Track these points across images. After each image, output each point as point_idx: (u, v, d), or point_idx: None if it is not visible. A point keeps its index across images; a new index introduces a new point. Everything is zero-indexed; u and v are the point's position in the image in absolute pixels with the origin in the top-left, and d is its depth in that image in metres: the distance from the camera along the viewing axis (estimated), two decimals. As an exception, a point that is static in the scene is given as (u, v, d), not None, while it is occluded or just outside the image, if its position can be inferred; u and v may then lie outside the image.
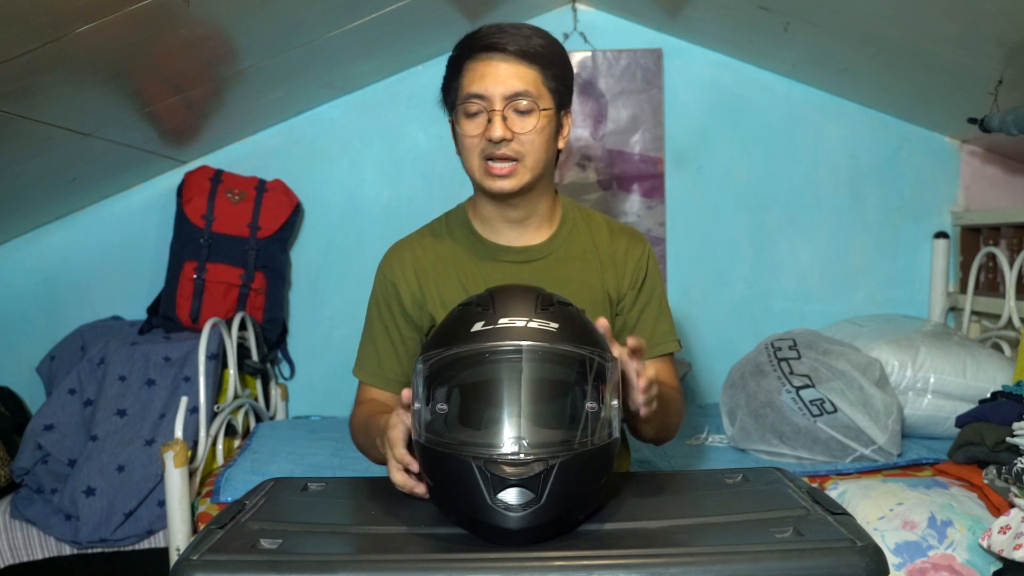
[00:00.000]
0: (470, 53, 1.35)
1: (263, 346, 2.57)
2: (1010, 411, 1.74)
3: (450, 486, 1.00)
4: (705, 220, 2.78)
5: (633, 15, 2.69)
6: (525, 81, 1.33)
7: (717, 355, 2.76)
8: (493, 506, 0.95)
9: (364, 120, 2.72)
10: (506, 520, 0.95)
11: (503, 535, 0.96)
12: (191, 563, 0.91)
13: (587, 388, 1.03)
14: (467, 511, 0.98)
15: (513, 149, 1.33)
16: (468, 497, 0.97)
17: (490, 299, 1.04)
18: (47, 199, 2.50)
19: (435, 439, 1.00)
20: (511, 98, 1.32)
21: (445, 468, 1.00)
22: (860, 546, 0.92)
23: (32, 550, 2.13)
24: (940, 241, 2.74)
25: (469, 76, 1.35)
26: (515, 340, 0.99)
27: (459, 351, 1.01)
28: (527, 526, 0.95)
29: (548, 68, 1.36)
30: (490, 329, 1.00)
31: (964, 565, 1.56)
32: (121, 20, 1.52)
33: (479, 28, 1.37)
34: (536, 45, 1.35)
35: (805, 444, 2.01)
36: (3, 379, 2.60)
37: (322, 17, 2.05)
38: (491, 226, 1.45)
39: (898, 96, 2.62)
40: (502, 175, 1.34)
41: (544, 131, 1.35)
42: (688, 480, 1.22)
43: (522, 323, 1.00)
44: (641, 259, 1.49)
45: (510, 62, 1.33)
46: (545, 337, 1.00)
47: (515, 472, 0.95)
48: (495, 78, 1.33)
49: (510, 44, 1.33)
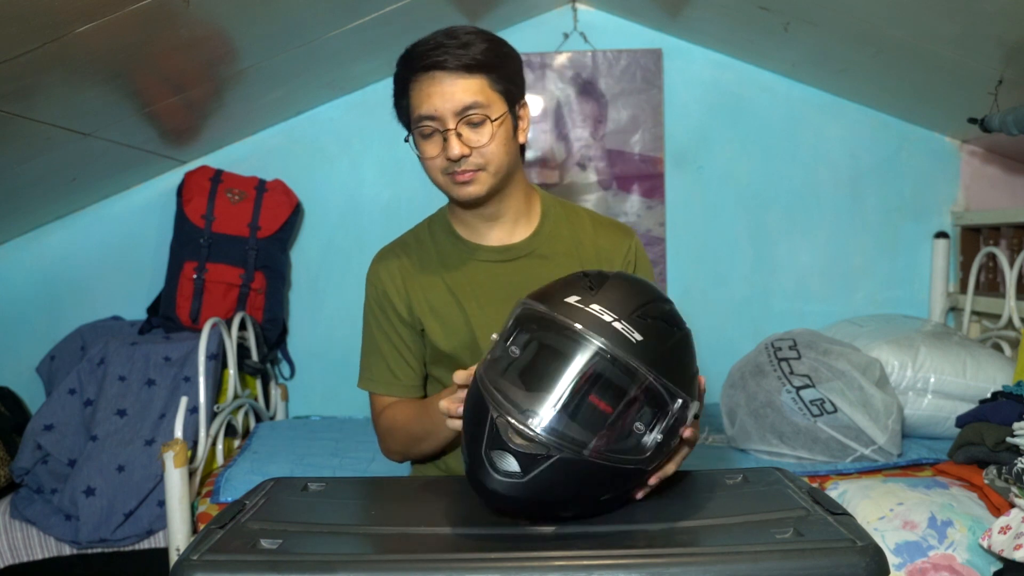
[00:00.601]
0: (413, 72, 1.34)
1: (263, 346, 2.57)
2: (1010, 411, 1.74)
3: (468, 421, 1.03)
4: (705, 220, 2.78)
5: (633, 15, 2.69)
6: (472, 92, 1.32)
7: (717, 355, 2.75)
8: (482, 456, 0.97)
9: (364, 120, 2.72)
10: (485, 476, 0.97)
11: (477, 487, 0.99)
12: (191, 563, 0.91)
13: (643, 409, 1.01)
14: (467, 453, 1.01)
15: (473, 162, 1.34)
16: (471, 437, 1.00)
17: (601, 280, 1.05)
18: (47, 199, 2.50)
19: (488, 374, 1.02)
20: (462, 112, 1.32)
21: (475, 403, 1.02)
22: (860, 546, 0.91)
23: (32, 550, 2.13)
24: (940, 241, 2.74)
25: (416, 96, 1.34)
26: (591, 331, 0.98)
27: (553, 316, 1.01)
28: (499, 491, 0.97)
29: (493, 72, 1.34)
30: (579, 308, 1.00)
31: (964, 565, 1.56)
32: (121, 20, 1.52)
33: (416, 43, 1.35)
34: (476, 53, 1.32)
35: (805, 444, 2.01)
36: (3, 379, 2.60)
37: (322, 17, 2.05)
38: (470, 227, 1.45)
39: (898, 96, 2.62)
40: (466, 181, 1.35)
41: (499, 137, 1.34)
42: (688, 480, 1.22)
43: (608, 319, 0.99)
44: (629, 252, 1.48)
45: (454, 77, 1.32)
46: (620, 343, 0.99)
47: (515, 440, 0.96)
48: (442, 96, 1.31)
49: (450, 60, 1.31)
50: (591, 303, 1.00)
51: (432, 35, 1.35)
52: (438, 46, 1.33)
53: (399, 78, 1.38)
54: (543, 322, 1.02)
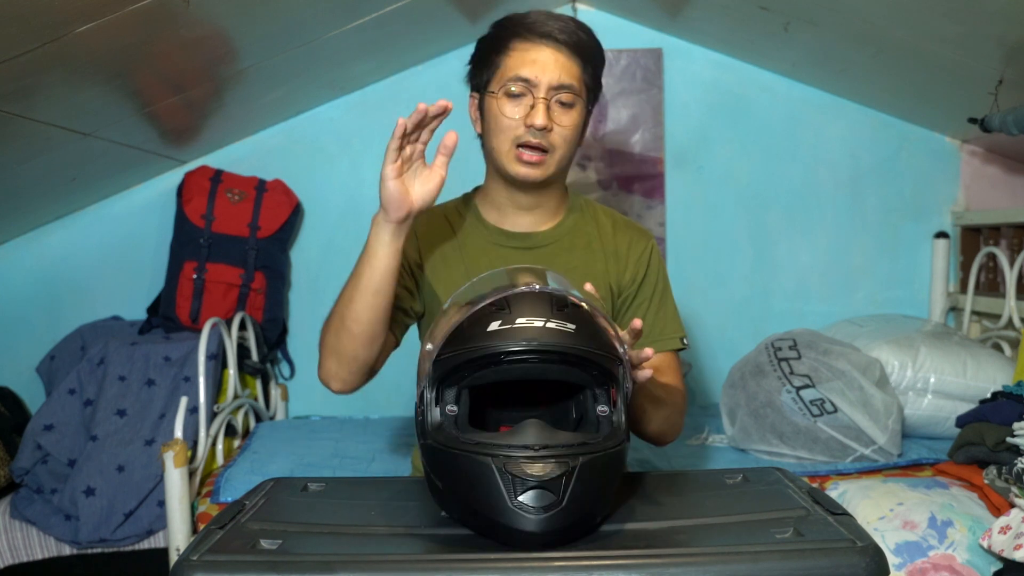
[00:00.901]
0: (520, 34, 1.35)
1: (263, 346, 2.57)
2: (1010, 411, 1.74)
3: (466, 489, 0.98)
4: (705, 220, 2.78)
5: (633, 15, 2.69)
6: (571, 75, 1.34)
7: (717, 355, 2.76)
8: (514, 508, 0.93)
9: (364, 120, 2.72)
10: (526, 523, 0.93)
11: (523, 538, 0.94)
12: (191, 563, 0.91)
13: (597, 391, 1.03)
14: (485, 514, 0.96)
15: (547, 140, 1.34)
16: (486, 500, 0.95)
17: (505, 302, 1.02)
18: (47, 199, 2.50)
19: (447, 441, 0.98)
20: (557, 89, 1.33)
21: (459, 470, 0.97)
22: (860, 546, 0.91)
23: (32, 550, 2.13)
24: (940, 241, 2.74)
25: (517, 58, 1.34)
26: (533, 340, 0.97)
27: (474, 351, 0.99)
28: (548, 529, 0.94)
29: (590, 65, 1.37)
30: (507, 328, 0.98)
31: (964, 565, 1.56)
32: (121, 20, 1.52)
33: (527, 12, 1.37)
34: (584, 40, 1.36)
35: (805, 444, 2.01)
36: (3, 379, 2.60)
37: (322, 17, 2.05)
38: (500, 212, 1.46)
39: (898, 96, 2.62)
40: (532, 163, 1.35)
41: (579, 127, 1.37)
42: (688, 480, 1.22)
43: (540, 323, 0.99)
44: (643, 255, 1.49)
45: (560, 52, 1.34)
46: (563, 338, 0.98)
47: (536, 473, 0.93)
48: (544, 66, 1.33)
49: (563, 35, 1.33)
50: (515, 319, 0.99)
51: (546, 11, 1.37)
52: (552, 18, 1.35)
53: (498, 37, 1.37)
54: (478, 362, 0.99)
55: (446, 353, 1.01)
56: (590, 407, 1.03)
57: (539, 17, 1.35)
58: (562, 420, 1.10)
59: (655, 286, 1.49)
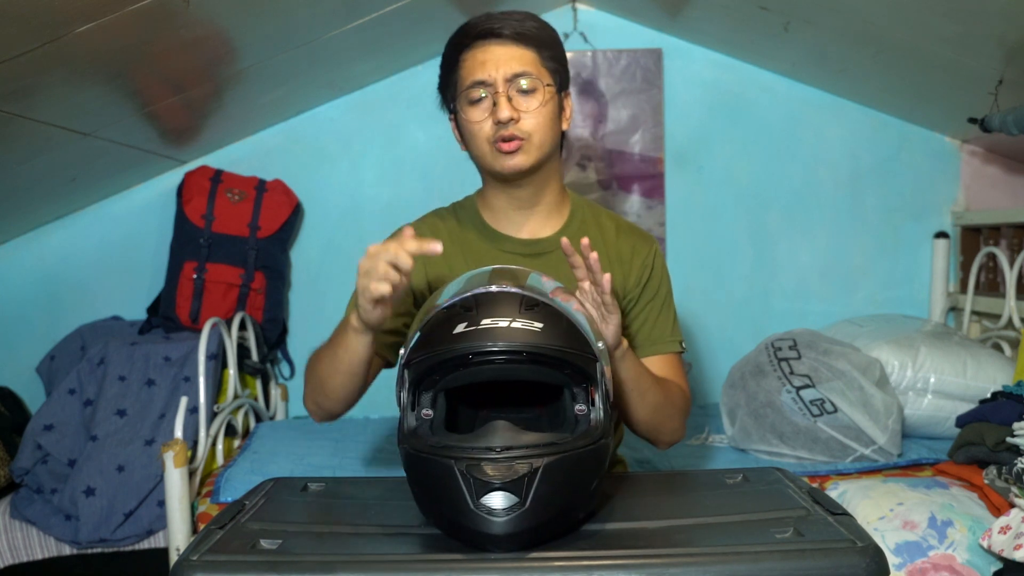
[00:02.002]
0: (465, 43, 1.36)
1: (263, 346, 2.57)
2: (1010, 411, 1.74)
3: (434, 492, 0.98)
4: (705, 220, 2.78)
5: (633, 15, 2.69)
6: (524, 62, 1.34)
7: (717, 355, 2.76)
8: (476, 511, 0.93)
9: (364, 120, 2.72)
10: (490, 525, 0.93)
11: (487, 540, 0.94)
12: (191, 563, 0.91)
13: (575, 390, 1.02)
14: (451, 517, 0.96)
15: (520, 129, 1.34)
16: (451, 503, 0.94)
17: (474, 301, 1.02)
18: (47, 199, 2.50)
19: (418, 445, 0.98)
20: (513, 79, 1.33)
21: (429, 474, 0.97)
22: (860, 546, 0.92)
23: (32, 550, 2.13)
24: (940, 241, 2.74)
25: (468, 66, 1.35)
26: (498, 340, 0.97)
27: (440, 354, 0.98)
28: (511, 531, 0.93)
29: (544, 49, 1.37)
30: (473, 330, 0.98)
31: (964, 565, 1.56)
32: (121, 20, 1.52)
33: (471, 19, 1.38)
34: (530, 27, 1.36)
35: (805, 444, 2.01)
36: (3, 379, 2.60)
37: (322, 17, 2.05)
38: (501, 214, 1.45)
39: (898, 96, 2.62)
40: (511, 151, 1.34)
41: (548, 108, 1.36)
42: (688, 480, 1.22)
43: (505, 323, 0.98)
44: (647, 259, 1.49)
45: (507, 45, 1.34)
46: (529, 337, 0.98)
47: (497, 475, 0.92)
48: (495, 62, 1.33)
49: (504, 28, 1.34)
50: (480, 320, 0.99)
51: (484, 12, 1.37)
52: (492, 18, 1.35)
53: (449, 53, 1.39)
54: (445, 365, 0.99)
55: (416, 357, 1.00)
56: (567, 406, 1.02)
57: (478, 20, 1.36)
58: (552, 421, 1.09)
59: (658, 291, 1.49)
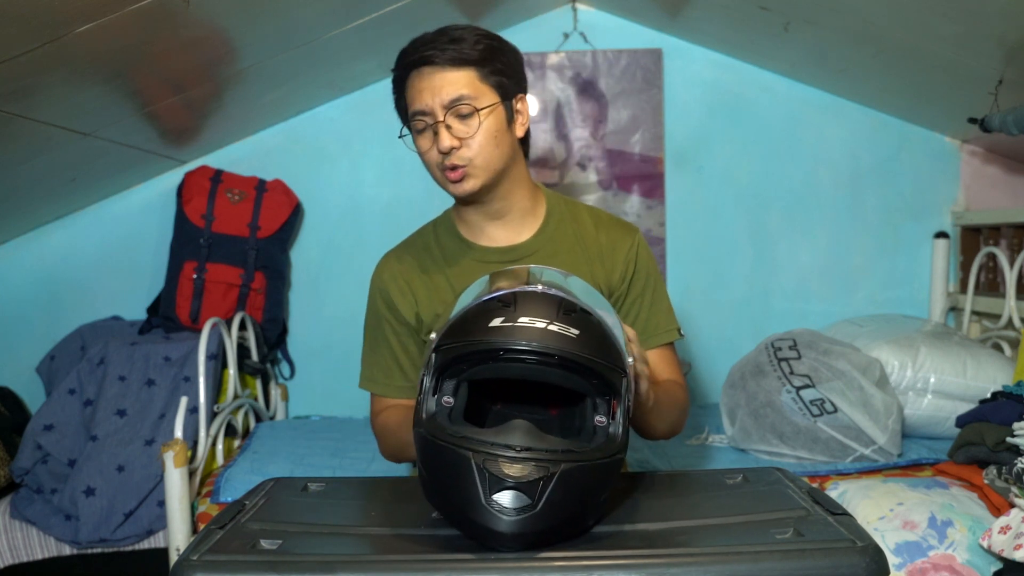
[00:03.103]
0: (405, 70, 1.37)
1: (263, 346, 2.57)
2: (1010, 411, 1.74)
3: (446, 481, 0.97)
4: (705, 220, 2.78)
5: (633, 15, 2.69)
6: (459, 86, 1.33)
7: (717, 355, 2.76)
8: (487, 506, 0.92)
9: (364, 120, 2.72)
10: (499, 523, 0.92)
11: (494, 537, 0.94)
12: (191, 563, 0.91)
13: (598, 401, 1.01)
14: (461, 508, 0.96)
15: (461, 156, 1.34)
16: (463, 494, 0.94)
17: (513, 298, 1.01)
18: (47, 199, 2.50)
19: (435, 431, 0.98)
20: (450, 105, 1.33)
21: (442, 462, 0.97)
22: (860, 546, 0.91)
23: (32, 550, 2.13)
24: (940, 241, 2.74)
25: (409, 93, 1.36)
26: (533, 340, 0.96)
27: (472, 344, 0.98)
28: (519, 531, 0.93)
29: (483, 65, 1.35)
30: (509, 326, 0.97)
31: (964, 565, 1.56)
32: (121, 20, 1.52)
33: (410, 43, 1.38)
34: (465, 48, 1.34)
35: (805, 444, 2.01)
36: (3, 379, 2.60)
37: (322, 17, 2.05)
38: (476, 227, 1.45)
39: (898, 96, 2.62)
40: (457, 180, 1.36)
41: (489, 129, 1.35)
42: (688, 480, 1.22)
43: (542, 325, 0.97)
44: (630, 251, 1.48)
45: (442, 71, 1.33)
46: (564, 343, 0.97)
47: (513, 474, 0.92)
48: (431, 90, 1.33)
49: (437, 55, 1.33)
50: (517, 318, 0.98)
51: (424, 34, 1.37)
52: (427, 43, 1.35)
53: (396, 78, 1.40)
54: (475, 356, 0.99)
55: (445, 344, 1.00)
56: (588, 415, 1.02)
57: (415, 45, 1.36)
58: (564, 426, 1.09)
59: (646, 281, 1.48)
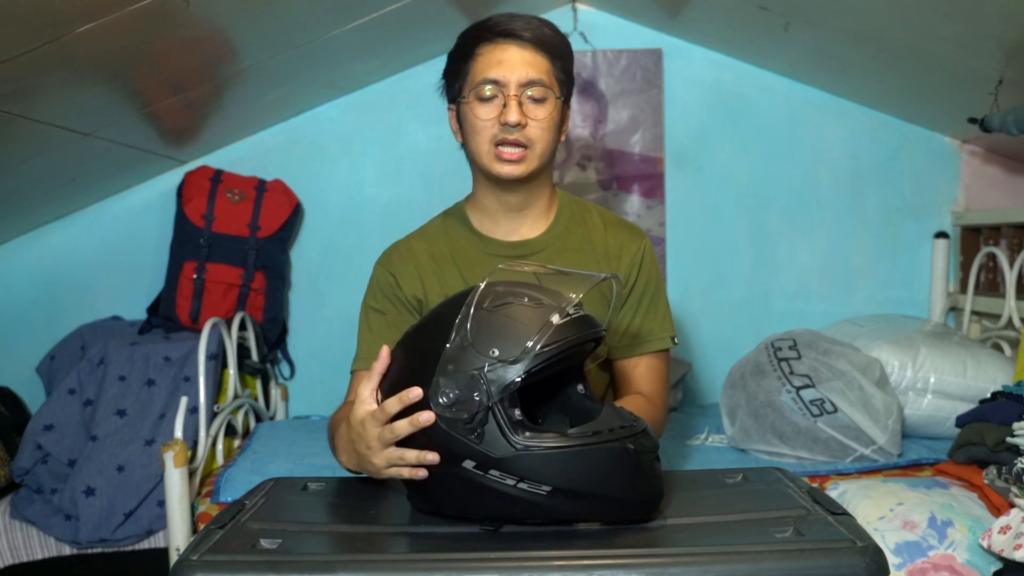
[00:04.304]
0: (483, 38, 1.37)
1: (263, 346, 2.57)
2: (1010, 411, 1.74)
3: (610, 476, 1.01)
4: (705, 220, 2.78)
5: (633, 15, 2.69)
6: (539, 70, 1.36)
7: (717, 355, 2.76)
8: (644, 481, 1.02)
9: (364, 120, 2.72)
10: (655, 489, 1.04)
11: (655, 502, 1.05)
12: (191, 563, 0.91)
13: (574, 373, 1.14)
14: (621, 495, 1.01)
15: (525, 135, 1.35)
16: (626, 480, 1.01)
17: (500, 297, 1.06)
18: (47, 199, 2.50)
19: (558, 441, 0.98)
20: (526, 85, 1.35)
21: (594, 463, 0.99)
22: (860, 546, 0.92)
23: (32, 550, 2.13)
24: (940, 241, 2.74)
25: (484, 61, 1.36)
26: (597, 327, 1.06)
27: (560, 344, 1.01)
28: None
29: (558, 59, 1.39)
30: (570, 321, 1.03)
31: (964, 565, 1.56)
32: (121, 20, 1.52)
33: (490, 16, 1.39)
34: (548, 35, 1.38)
35: (805, 444, 2.01)
36: (3, 379, 2.60)
37: (322, 17, 2.05)
38: (490, 218, 1.46)
39: (898, 96, 2.62)
40: (512, 160, 1.36)
41: (554, 119, 1.38)
42: (688, 480, 1.22)
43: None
44: (636, 255, 1.49)
45: (525, 49, 1.35)
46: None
47: (649, 446, 1.02)
48: (511, 64, 1.34)
49: (525, 32, 1.35)
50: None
51: (504, 13, 1.38)
52: (514, 18, 1.37)
53: (464, 45, 1.40)
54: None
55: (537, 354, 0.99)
56: (572, 390, 1.12)
57: (501, 18, 1.38)
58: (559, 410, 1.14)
59: (646, 287, 1.49)
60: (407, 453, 1.03)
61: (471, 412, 0.96)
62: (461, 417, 0.97)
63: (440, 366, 0.99)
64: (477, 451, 0.97)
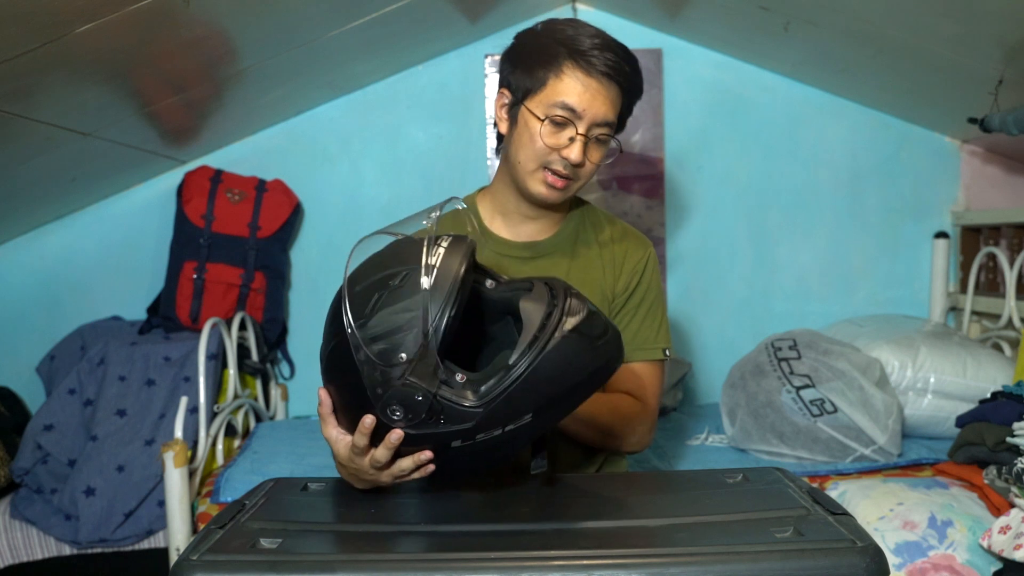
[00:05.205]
0: (575, 60, 1.32)
1: (263, 346, 2.57)
2: (1010, 411, 1.74)
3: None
4: (705, 220, 2.78)
5: (633, 15, 2.69)
6: (614, 110, 1.34)
7: (717, 355, 2.76)
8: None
9: (364, 120, 2.72)
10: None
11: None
12: (191, 563, 0.91)
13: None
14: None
15: (576, 173, 1.36)
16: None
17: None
18: (47, 199, 2.50)
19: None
20: (600, 124, 1.33)
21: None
22: (860, 546, 0.91)
23: (32, 550, 2.13)
24: (940, 241, 2.74)
25: (568, 84, 1.31)
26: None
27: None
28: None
29: (628, 97, 1.37)
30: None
31: (964, 565, 1.56)
32: (121, 20, 1.52)
33: (586, 31, 1.33)
34: (629, 74, 1.34)
35: (805, 444, 2.01)
36: (3, 379, 2.60)
37: (322, 17, 2.05)
38: (504, 218, 1.46)
39: (898, 96, 2.62)
40: (556, 187, 1.36)
41: (603, 158, 1.38)
42: (688, 479, 1.22)
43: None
44: (638, 264, 1.49)
45: (610, 88, 1.33)
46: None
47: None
48: (592, 100, 1.31)
49: (614, 70, 1.31)
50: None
51: (599, 33, 1.34)
52: (609, 49, 1.32)
53: (548, 52, 1.33)
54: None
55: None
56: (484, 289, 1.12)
57: (595, 44, 1.32)
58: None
59: (644, 297, 1.49)
60: (404, 464, 1.06)
61: (425, 409, 0.99)
62: (420, 418, 0.99)
63: (371, 393, 1.01)
64: (453, 432, 1.00)
